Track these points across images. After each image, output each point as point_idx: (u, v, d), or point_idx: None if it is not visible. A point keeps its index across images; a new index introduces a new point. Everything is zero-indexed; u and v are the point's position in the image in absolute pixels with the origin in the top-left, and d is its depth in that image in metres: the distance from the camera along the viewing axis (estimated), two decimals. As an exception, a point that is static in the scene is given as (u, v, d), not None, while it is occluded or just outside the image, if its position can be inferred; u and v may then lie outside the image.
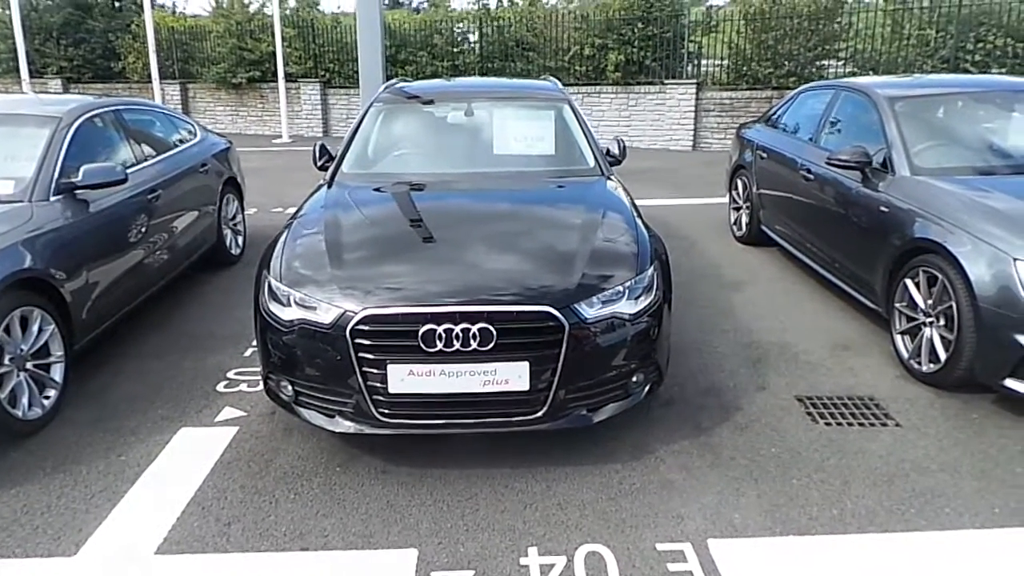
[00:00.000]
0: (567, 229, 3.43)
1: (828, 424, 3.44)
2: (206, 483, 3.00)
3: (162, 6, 18.72)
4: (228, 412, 3.58)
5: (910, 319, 3.95)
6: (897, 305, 4.03)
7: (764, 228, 6.18)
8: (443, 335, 2.77)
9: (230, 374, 4.00)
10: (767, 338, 4.44)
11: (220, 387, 3.85)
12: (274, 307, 3.06)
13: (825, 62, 12.47)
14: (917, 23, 11.74)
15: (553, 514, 2.80)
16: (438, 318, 2.79)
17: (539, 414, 2.90)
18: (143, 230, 4.49)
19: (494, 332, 2.78)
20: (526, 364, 2.82)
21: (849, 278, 4.69)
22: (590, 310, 2.92)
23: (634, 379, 3.07)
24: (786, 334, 4.50)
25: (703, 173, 10.31)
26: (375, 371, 2.82)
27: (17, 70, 15.09)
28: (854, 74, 11.81)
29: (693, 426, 3.42)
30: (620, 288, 3.02)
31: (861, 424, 3.44)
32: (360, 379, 2.84)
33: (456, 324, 2.78)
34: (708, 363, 4.09)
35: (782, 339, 4.42)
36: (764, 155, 6.17)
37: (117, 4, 17.38)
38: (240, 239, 6.25)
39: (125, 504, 2.88)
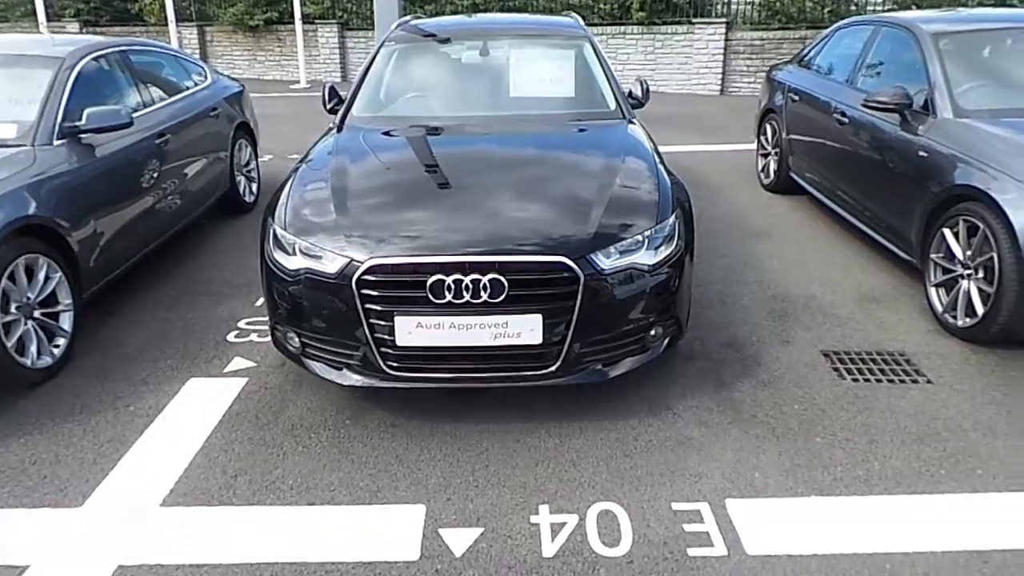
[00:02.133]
0: (585, 176, 3.26)
1: (855, 380, 3.30)
2: (214, 434, 2.96)
3: (177, -54, 18.29)
4: (238, 363, 3.53)
5: (946, 271, 3.75)
6: (933, 256, 3.83)
7: (793, 175, 5.93)
8: (452, 286, 2.65)
9: (241, 323, 3.94)
10: (793, 290, 4.27)
11: (231, 337, 3.80)
12: (279, 256, 2.96)
13: (864, -2, 11.86)
14: (964, -45, 11.06)
15: (566, 471, 2.72)
16: (447, 268, 2.67)
17: (552, 368, 2.80)
18: (152, 176, 4.39)
19: (505, 283, 2.65)
20: (539, 317, 2.70)
21: (882, 228, 4.47)
22: (606, 260, 2.78)
23: (652, 333, 2.95)
24: (813, 286, 4.32)
25: (731, 118, 9.94)
26: (382, 323, 2.72)
27: (34, 12, 14.94)
28: (895, 9, 11.22)
29: (714, 382, 3.29)
30: (639, 238, 2.87)
31: (890, 380, 3.29)
32: (367, 331, 2.75)
33: (466, 275, 2.65)
34: (731, 316, 3.95)
35: (809, 291, 4.25)
36: (796, 98, 5.87)
37: (133, -56, 17.01)
38: (254, 186, 6.15)
39: (132, 455, 2.85)
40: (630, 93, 4.31)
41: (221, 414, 3.10)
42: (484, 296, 2.66)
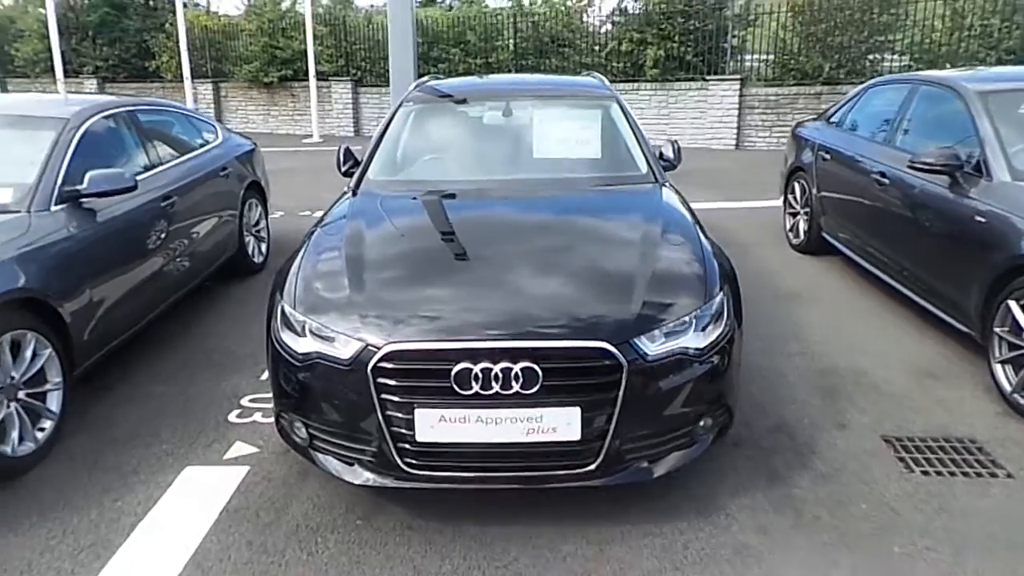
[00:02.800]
0: (621, 247, 2.99)
1: (926, 473, 2.95)
2: (209, 537, 2.63)
3: (196, 4, 18.66)
4: (239, 448, 3.22)
5: (1014, 347, 3.43)
6: (997, 330, 3.52)
7: (826, 235, 5.66)
8: (480, 375, 2.36)
9: (244, 401, 3.64)
10: (839, 363, 3.94)
11: (232, 416, 3.50)
12: (287, 337, 2.68)
13: (878, 55, 11.79)
14: (980, 12, 11.01)
15: (608, 588, 2.37)
16: (474, 355, 2.38)
17: (591, 467, 2.47)
18: (156, 241, 4.16)
19: (539, 372, 2.36)
20: (577, 410, 2.39)
21: (932, 295, 4.17)
22: (651, 345, 2.48)
23: (701, 424, 2.63)
24: (861, 358, 4.00)
25: (749, 174, 9.76)
26: (400, 415, 2.43)
27: (53, 70, 15.12)
28: (910, 68, 11.13)
29: (767, 474, 2.95)
30: (686, 319, 2.58)
31: (965, 474, 2.94)
32: (383, 424, 2.45)
33: (495, 363, 2.36)
34: (776, 394, 3.62)
35: (856, 364, 3.93)
36: (827, 156, 5.64)
37: (152, 3, 17.33)
38: (263, 246, 5.93)
39: (116, 564, 2.52)
40: (661, 154, 4.08)
41: (218, 511, 2.77)
42: (516, 387, 2.36)
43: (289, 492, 2.89)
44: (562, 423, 2.40)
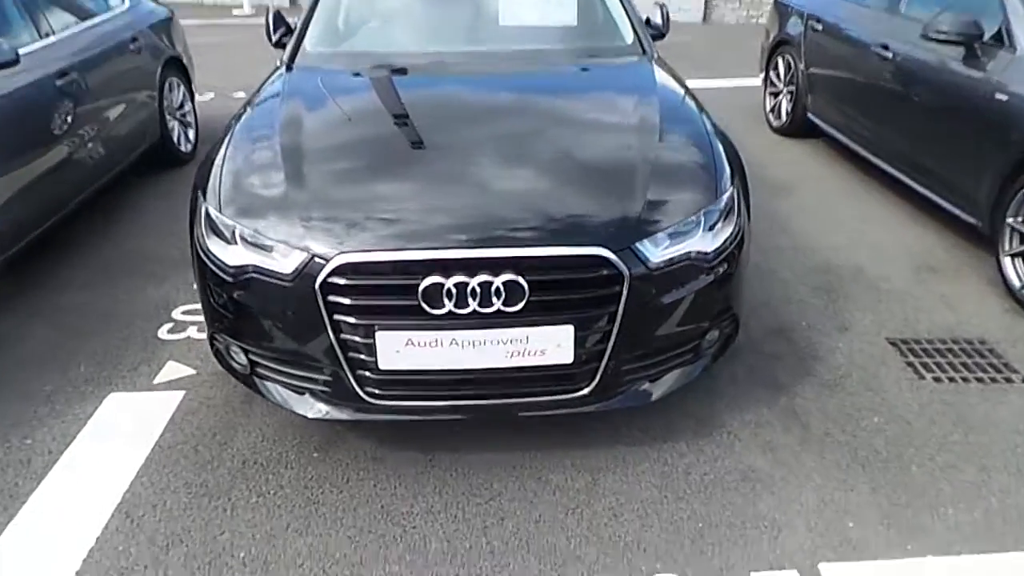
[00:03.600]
0: (613, 133, 2.53)
1: (937, 380, 2.72)
2: (139, 480, 2.26)
3: None
4: (172, 369, 2.79)
5: (1026, 239, 3.17)
6: (1010, 220, 3.23)
7: (812, 116, 5.25)
8: (454, 291, 1.95)
9: (176, 313, 3.18)
10: (835, 259, 3.65)
11: (163, 332, 3.04)
12: (214, 245, 2.20)
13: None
14: None
15: (606, 525, 2.09)
16: (447, 267, 1.96)
17: (584, 392, 2.14)
18: (55, 126, 3.50)
19: (525, 286, 1.96)
20: (570, 328, 2.02)
21: (934, 182, 3.85)
22: (655, 250, 2.09)
23: (707, 337, 2.30)
24: (857, 253, 3.71)
25: (719, 49, 9.15)
26: (358, 339, 2.02)
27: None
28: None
29: (769, 384, 2.69)
30: (693, 218, 2.19)
31: (979, 379, 2.72)
32: (338, 349, 2.04)
33: (472, 276, 1.95)
34: (771, 293, 3.32)
35: (853, 259, 3.64)
36: (818, 26, 5.14)
37: None
38: (191, 132, 5.24)
39: (25, 516, 2.14)
40: (648, 21, 3.55)
41: (149, 447, 2.39)
42: (497, 303, 1.96)
43: (232, 421, 2.51)
44: (551, 344, 2.03)
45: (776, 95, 5.80)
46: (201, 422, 2.51)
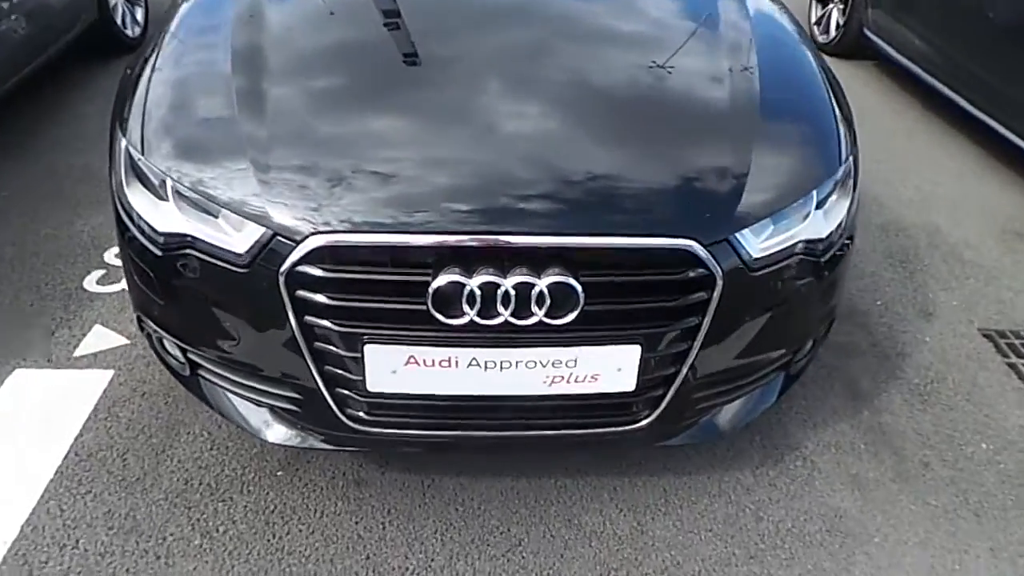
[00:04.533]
0: (698, 68, 1.84)
1: (1050, 391, 2.24)
2: (43, 506, 1.71)
3: None
4: (99, 337, 2.19)
5: None
6: None
7: (870, 33, 4.53)
8: (478, 293, 1.36)
9: (110, 255, 2.54)
10: (907, 217, 3.08)
11: (90, 281, 2.42)
12: (138, 200, 1.56)
13: None
14: None
15: (660, 596, 1.62)
16: (467, 259, 1.37)
17: (642, 423, 1.60)
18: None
19: (579, 290, 1.38)
20: (636, 349, 1.45)
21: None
22: (757, 242, 1.50)
23: (806, 349, 1.76)
24: (930, 210, 3.13)
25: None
26: (340, 353, 1.44)
27: None
28: None
29: (847, 390, 2.17)
30: (804, 198, 1.58)
31: (1101, 392, 2.24)
32: (310, 363, 1.46)
33: (507, 273, 1.36)
34: (837, 261, 2.77)
35: (926, 218, 3.07)
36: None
37: None
38: (139, 13, 4.37)
39: None
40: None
41: (61, 456, 1.83)
42: (539, 313, 1.38)
43: (174, 418, 1.95)
44: (609, 369, 1.47)
45: (825, 4, 5.02)
46: (133, 418, 1.95)
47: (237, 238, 1.42)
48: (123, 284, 2.39)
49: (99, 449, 1.85)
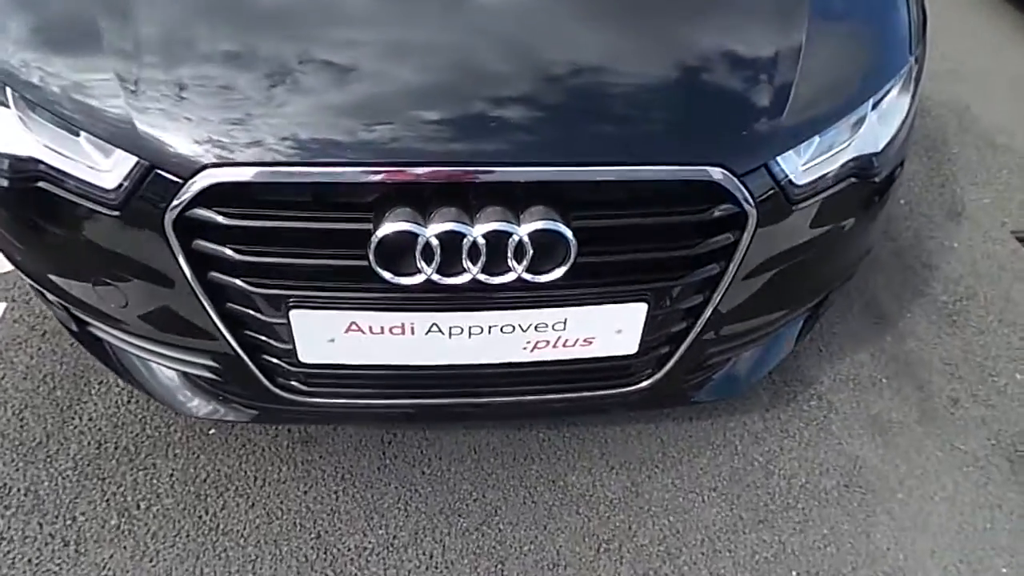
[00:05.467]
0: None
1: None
2: (-76, 480, 1.43)
3: None
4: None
5: None
6: None
7: None
8: (437, 245, 1.02)
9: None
10: (934, 95, 2.67)
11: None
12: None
13: None
14: None
15: (657, 573, 1.41)
16: (426, 197, 1.01)
17: (642, 385, 1.31)
18: None
19: (569, 239, 1.04)
20: (640, 307, 1.14)
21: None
22: (799, 165, 1.14)
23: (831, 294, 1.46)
24: (958, 85, 2.73)
25: None
26: (261, 317, 1.11)
27: None
28: None
29: (866, 312, 1.90)
30: (860, 110, 1.21)
31: None
32: (222, 328, 1.13)
33: (473, 218, 1.01)
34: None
35: (958, 97, 2.67)
36: None
37: None
38: None
39: None
40: None
41: (-56, 414, 1.53)
42: (518, 269, 1.05)
43: (84, 362, 1.63)
44: (607, 331, 1.16)
45: None
46: (32, 364, 1.63)
47: (104, 168, 1.04)
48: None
49: (-10, 406, 1.55)
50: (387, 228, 1.00)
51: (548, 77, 1.10)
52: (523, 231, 1.01)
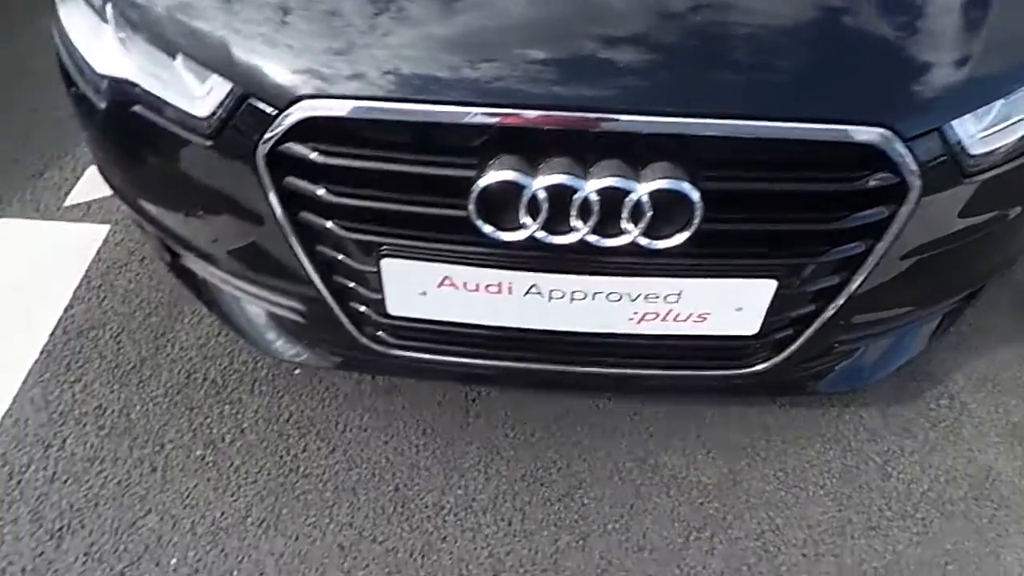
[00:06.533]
0: None
1: None
2: (24, 398, 1.46)
3: None
4: (92, 183, 1.83)
5: None
6: None
7: None
8: (544, 198, 0.91)
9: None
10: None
11: (88, 108, 2.04)
12: (73, 21, 1.11)
13: None
14: None
15: (750, 572, 1.30)
16: (538, 145, 0.91)
17: (755, 368, 1.18)
18: None
19: (695, 200, 0.91)
20: (769, 284, 1.01)
21: None
22: (977, 131, 0.97)
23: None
24: None
25: None
26: (350, 264, 1.04)
27: None
28: None
29: (1013, 305, 1.68)
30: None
31: None
32: (312, 271, 1.07)
33: (587, 171, 0.90)
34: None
35: None
36: None
37: None
38: None
39: None
40: None
41: (47, 334, 1.55)
42: (634, 231, 0.93)
43: (176, 295, 1.62)
44: (725, 307, 1.04)
45: None
46: (130, 289, 1.64)
47: (199, 95, 0.98)
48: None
49: (91, 326, 1.57)
50: (491, 177, 0.90)
51: (684, 15, 0.96)
52: (643, 189, 0.89)
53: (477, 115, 0.90)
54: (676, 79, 0.93)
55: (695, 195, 0.90)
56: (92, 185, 1.84)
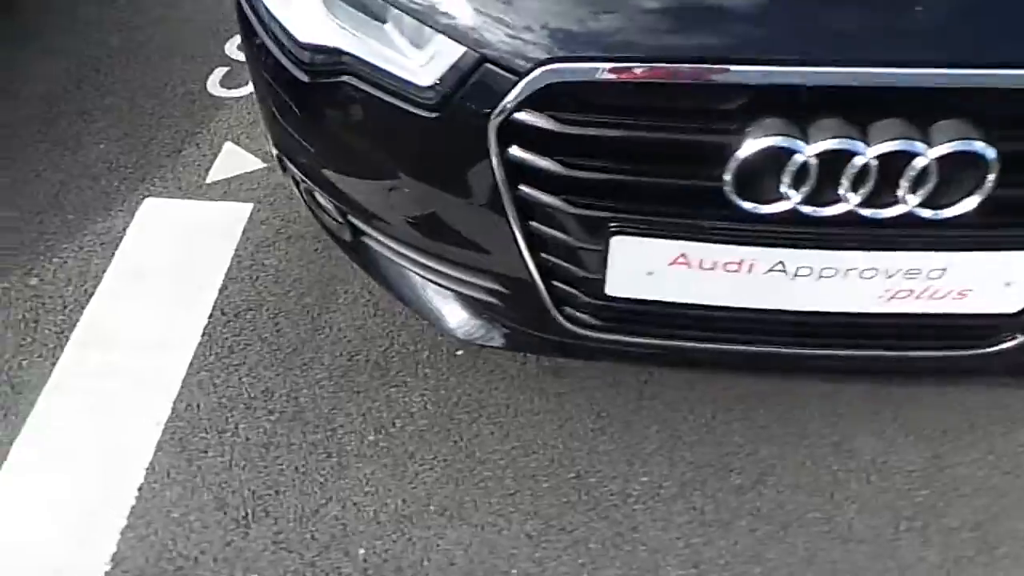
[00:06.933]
0: None
1: None
2: (192, 381, 1.44)
3: None
4: (231, 158, 1.81)
5: None
6: None
7: None
8: (813, 166, 0.82)
9: (231, 48, 2.08)
10: None
11: (213, 83, 1.99)
12: (268, -5, 1.06)
13: None
14: None
15: None
16: (803, 109, 0.81)
17: (1006, 345, 1.07)
18: None
19: (991, 160, 0.81)
20: (1050, 256, 0.91)
21: None
22: None
23: None
24: None
25: None
26: (572, 243, 0.97)
27: None
28: None
29: None
30: None
31: None
32: (524, 250, 1.00)
33: (867, 134, 0.80)
34: None
35: None
36: None
37: None
38: None
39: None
40: None
41: (205, 316, 1.52)
42: (912, 201, 0.84)
43: (327, 273, 1.59)
44: (993, 282, 0.93)
45: None
46: (281, 268, 1.61)
47: (418, 61, 0.91)
48: (250, 87, 1.96)
49: (247, 308, 1.54)
50: (756, 143, 0.81)
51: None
52: (934, 153, 0.79)
53: (742, 74, 0.81)
54: (968, 25, 0.82)
55: (991, 154, 0.80)
56: (230, 160, 1.81)
